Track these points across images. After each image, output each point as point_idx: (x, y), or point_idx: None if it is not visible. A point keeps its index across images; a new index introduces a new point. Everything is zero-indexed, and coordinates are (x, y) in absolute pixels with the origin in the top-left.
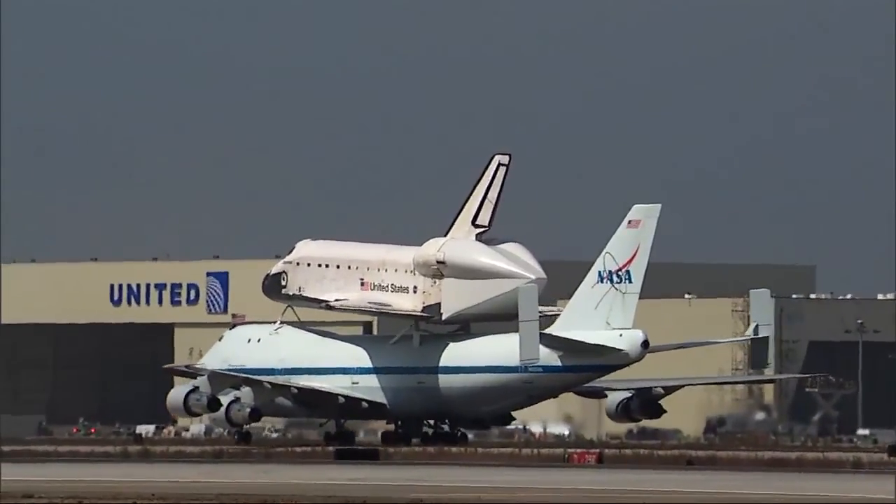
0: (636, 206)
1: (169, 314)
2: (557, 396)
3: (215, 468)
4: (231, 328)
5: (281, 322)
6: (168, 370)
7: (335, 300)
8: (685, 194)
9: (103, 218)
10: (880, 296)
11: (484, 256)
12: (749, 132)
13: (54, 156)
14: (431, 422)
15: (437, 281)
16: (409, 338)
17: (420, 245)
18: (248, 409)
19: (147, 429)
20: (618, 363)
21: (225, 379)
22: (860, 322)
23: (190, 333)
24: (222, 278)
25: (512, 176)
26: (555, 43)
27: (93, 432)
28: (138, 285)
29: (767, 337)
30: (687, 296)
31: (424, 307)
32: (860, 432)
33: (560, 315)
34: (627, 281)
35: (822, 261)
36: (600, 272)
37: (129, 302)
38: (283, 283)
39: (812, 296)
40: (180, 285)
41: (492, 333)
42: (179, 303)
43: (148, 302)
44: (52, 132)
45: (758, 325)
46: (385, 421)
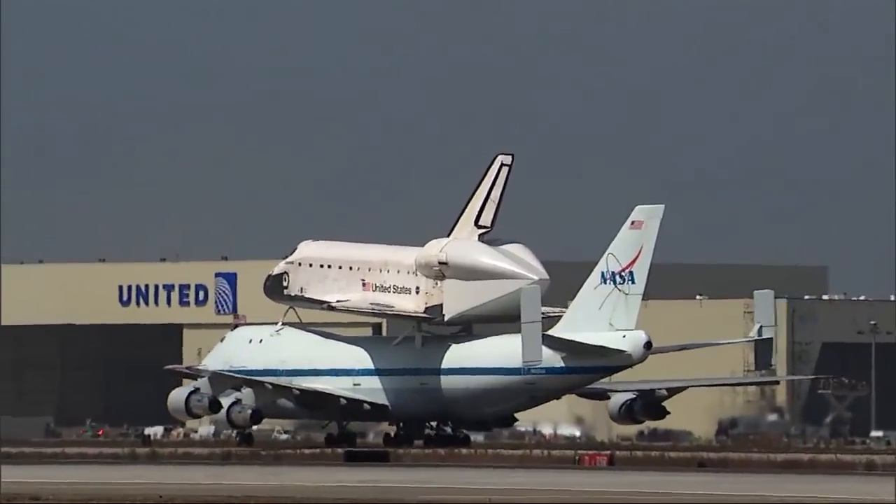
0: (639, 207)
1: (177, 315)
2: (560, 398)
3: (224, 470)
4: (232, 329)
5: (283, 323)
6: (169, 371)
7: (337, 301)
8: (697, 195)
9: (111, 219)
10: (893, 297)
11: (486, 257)
12: (757, 132)
13: (61, 156)
14: (434, 423)
15: (440, 282)
16: (412, 339)
17: (422, 246)
18: (250, 411)
19: (155, 430)
20: (620, 364)
21: (226, 380)
22: (873, 323)
23: (198, 334)
24: (231, 279)
25: (515, 176)
26: (556, 43)
27: (100, 434)
28: (147, 286)
29: (771, 338)
30: (698, 297)
31: (426, 308)
32: (873, 434)
33: (563, 316)
34: (630, 282)
35: (835, 261)
36: (603, 273)
37: (138, 303)
38: (285, 284)
39: (825, 297)
40: (189, 286)
41: (494, 335)
42: (188, 303)
43: (156, 303)
44: (58, 132)
45: (761, 327)
46: (387, 423)
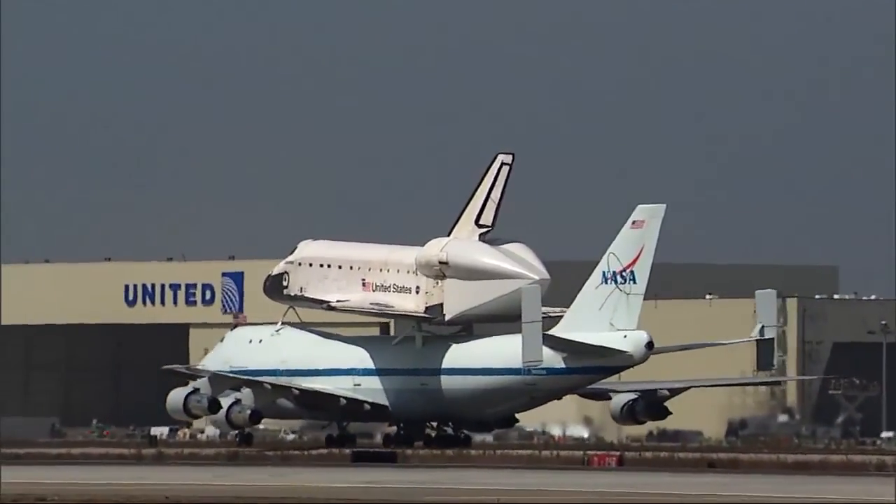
0: (640, 207)
1: (184, 314)
2: (561, 398)
3: (230, 471)
4: (232, 329)
5: (283, 323)
6: (169, 371)
7: (337, 301)
8: (707, 194)
9: (117, 218)
10: None
11: (487, 257)
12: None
13: (66, 155)
14: (434, 424)
15: (440, 281)
16: (412, 339)
17: (422, 245)
18: (249, 411)
19: (161, 431)
20: (621, 365)
21: (225, 380)
22: (884, 323)
23: (205, 334)
24: (238, 278)
25: (515, 175)
26: (557, 42)
27: (106, 434)
28: (153, 285)
29: (773, 338)
30: (708, 297)
31: (427, 308)
32: (884, 435)
33: (564, 316)
34: (632, 282)
35: (845, 261)
36: (604, 273)
37: (144, 302)
38: (285, 284)
39: (835, 296)
40: (195, 285)
41: (495, 335)
42: (194, 303)
43: (163, 302)
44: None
45: (763, 327)
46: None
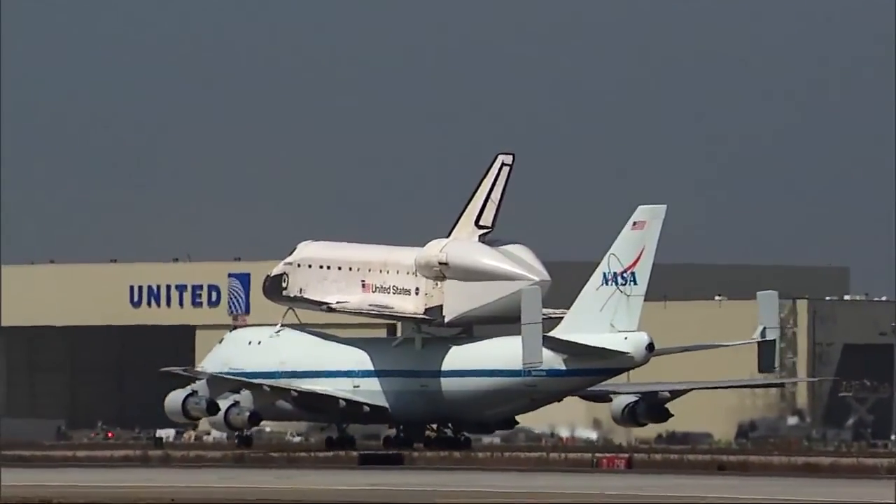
0: (641, 207)
1: (190, 316)
2: (561, 400)
3: (236, 473)
4: (231, 330)
5: (282, 324)
6: (167, 373)
7: (336, 302)
8: (718, 195)
9: (122, 219)
10: None
11: (487, 258)
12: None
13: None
14: (434, 426)
15: (440, 283)
16: (412, 340)
17: (422, 246)
18: (248, 413)
19: (167, 433)
20: (622, 366)
21: (224, 382)
22: (894, 325)
23: (211, 335)
24: (244, 280)
25: (515, 176)
26: (557, 42)
27: (110, 437)
28: (158, 287)
29: (774, 340)
30: (717, 298)
31: (426, 309)
32: (894, 437)
33: (564, 318)
34: (632, 283)
35: (856, 262)
36: (605, 274)
37: (150, 303)
38: (284, 285)
39: (846, 297)
40: (201, 287)
41: (495, 336)
42: (200, 304)
43: (168, 304)
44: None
45: (765, 328)
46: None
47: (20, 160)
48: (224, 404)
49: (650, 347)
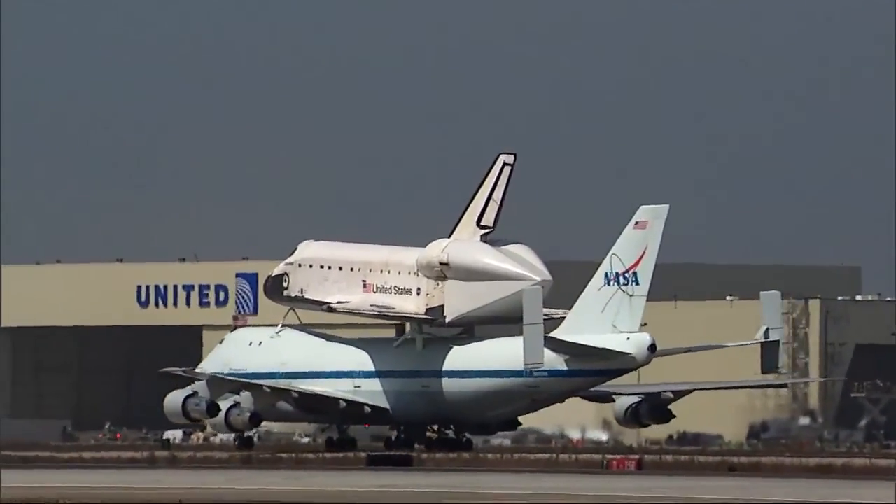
0: (643, 207)
1: (197, 316)
2: (564, 401)
3: (244, 474)
4: (232, 331)
5: (283, 325)
6: (167, 374)
7: (337, 302)
8: (729, 194)
9: (129, 218)
10: None
11: (488, 258)
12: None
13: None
14: (435, 427)
15: (441, 283)
16: (413, 341)
17: (423, 246)
18: (248, 414)
19: (175, 434)
20: (624, 367)
21: (224, 383)
22: None
23: (219, 335)
24: (252, 279)
25: (517, 176)
26: (559, 42)
27: (118, 437)
28: (165, 287)
29: (778, 341)
30: (729, 298)
31: (428, 310)
32: None
33: (565, 318)
34: (634, 283)
35: (868, 262)
36: (607, 274)
37: (157, 304)
38: (285, 285)
39: (858, 297)
40: (209, 286)
41: (496, 336)
42: (208, 304)
43: (176, 304)
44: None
45: (768, 329)
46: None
47: (20, 160)
48: (224, 405)
49: (652, 348)
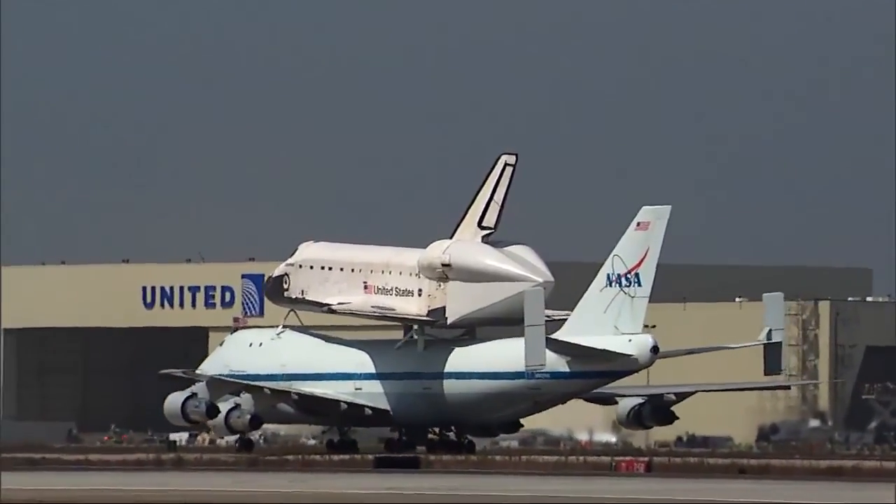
0: (645, 208)
1: (203, 317)
2: (566, 403)
3: (251, 476)
4: (232, 332)
5: (284, 326)
6: (165, 375)
7: (338, 304)
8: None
9: (135, 219)
10: None
11: (490, 259)
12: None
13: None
14: (436, 429)
15: (443, 284)
16: (414, 342)
17: (425, 247)
18: (248, 416)
19: (180, 436)
20: (626, 369)
21: (224, 385)
22: None
23: (224, 337)
24: (258, 281)
25: (519, 176)
26: (560, 42)
27: (124, 439)
28: (171, 288)
29: (780, 342)
30: (738, 299)
31: (429, 311)
32: None
33: (567, 319)
34: (636, 284)
35: (879, 263)
36: (609, 275)
37: (162, 305)
38: (286, 286)
39: (868, 299)
40: (215, 288)
41: (498, 338)
42: (214, 306)
43: (181, 305)
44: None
45: (771, 330)
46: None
47: (20, 160)
48: (224, 407)
49: (655, 350)
